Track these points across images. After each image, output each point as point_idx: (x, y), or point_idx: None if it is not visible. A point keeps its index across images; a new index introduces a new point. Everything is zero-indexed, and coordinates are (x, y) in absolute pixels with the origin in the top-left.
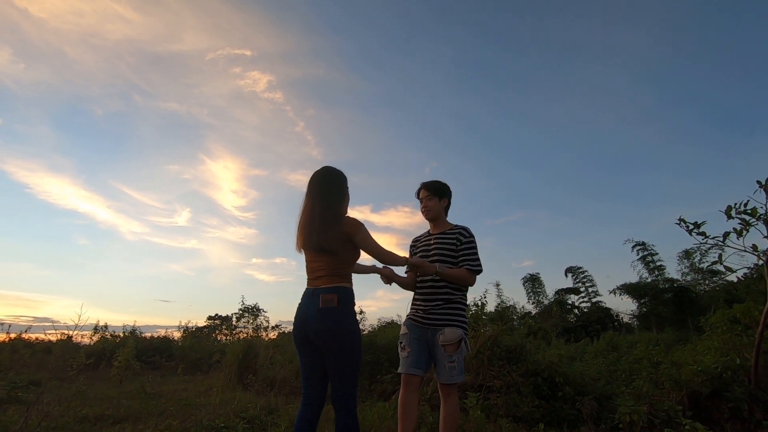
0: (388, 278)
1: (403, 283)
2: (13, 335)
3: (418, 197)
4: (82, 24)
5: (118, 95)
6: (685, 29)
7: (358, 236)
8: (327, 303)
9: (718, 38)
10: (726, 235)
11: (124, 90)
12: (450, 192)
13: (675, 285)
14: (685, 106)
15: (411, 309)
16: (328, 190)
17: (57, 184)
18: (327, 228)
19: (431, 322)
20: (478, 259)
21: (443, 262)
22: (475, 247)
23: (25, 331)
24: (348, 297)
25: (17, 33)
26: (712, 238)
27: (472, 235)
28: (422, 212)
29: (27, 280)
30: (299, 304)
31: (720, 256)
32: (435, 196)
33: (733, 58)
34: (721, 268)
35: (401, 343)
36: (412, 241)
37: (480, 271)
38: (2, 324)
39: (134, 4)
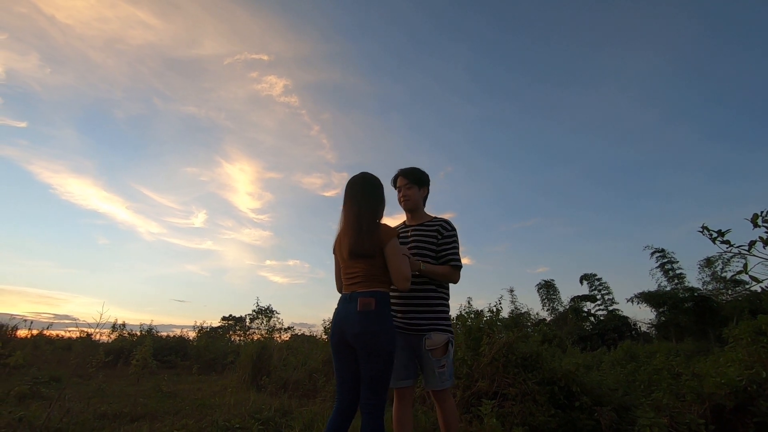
0: None
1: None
2: (35, 332)
3: (394, 186)
4: (106, 30)
5: (139, 99)
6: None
7: (389, 245)
8: (365, 306)
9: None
10: (752, 243)
11: (145, 94)
12: (429, 180)
13: (696, 294)
14: (708, 109)
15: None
16: (372, 197)
17: (79, 185)
18: (372, 234)
19: (415, 327)
20: (458, 254)
21: (421, 255)
22: (457, 242)
23: (47, 328)
24: (385, 301)
25: (45, 39)
26: (737, 247)
27: (454, 229)
28: (400, 202)
29: (49, 278)
30: (336, 309)
31: (745, 265)
32: (414, 185)
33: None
34: (746, 277)
35: None
36: None
37: (460, 267)
38: (25, 320)
39: (156, 11)
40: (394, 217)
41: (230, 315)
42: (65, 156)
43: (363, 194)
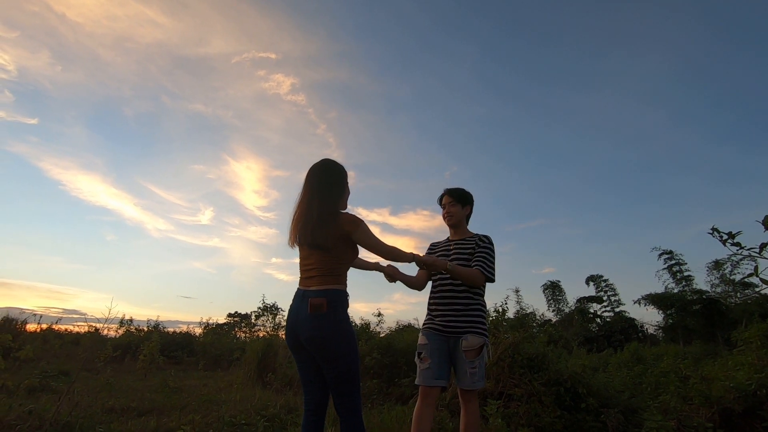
0: (392, 276)
1: (410, 282)
2: (44, 326)
3: (440, 203)
4: (116, 28)
5: (147, 97)
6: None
7: (357, 233)
8: (316, 309)
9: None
10: (763, 246)
11: (153, 92)
12: (473, 200)
13: (704, 296)
14: (715, 112)
15: (428, 315)
16: (327, 184)
17: (88, 181)
18: (324, 223)
19: (453, 329)
20: (492, 265)
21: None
22: (490, 253)
23: (56, 323)
24: (339, 300)
25: (55, 37)
26: (748, 249)
27: (491, 243)
28: (444, 218)
29: (58, 273)
30: (290, 306)
31: (756, 268)
32: (458, 203)
33: None
34: (756, 280)
35: (420, 353)
36: (430, 246)
37: (491, 279)
38: (34, 315)
39: (165, 9)
40: (400, 216)
41: (236, 312)
42: (75, 153)
43: (319, 181)
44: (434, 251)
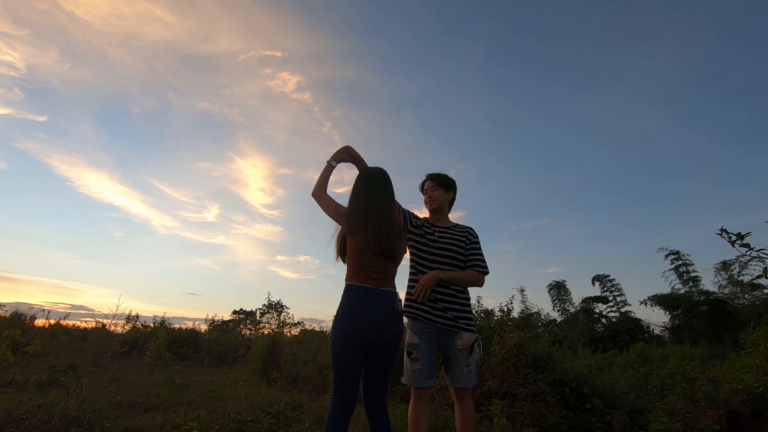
0: None
1: None
2: (52, 321)
3: (421, 190)
4: (124, 26)
5: (154, 94)
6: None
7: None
8: (400, 306)
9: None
10: None
11: (160, 89)
12: (456, 187)
13: (711, 297)
14: (720, 112)
15: (415, 310)
16: (392, 196)
17: (96, 178)
18: (401, 236)
19: (449, 327)
20: (485, 259)
21: (453, 259)
22: (481, 248)
23: (64, 318)
24: None
25: (64, 35)
26: (757, 250)
27: (477, 236)
28: (426, 203)
29: (65, 269)
30: (361, 305)
31: (765, 270)
32: (440, 187)
33: None
34: (765, 282)
35: (411, 353)
36: (412, 216)
37: (488, 273)
38: (42, 310)
39: (172, 7)
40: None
41: (241, 309)
42: (82, 150)
43: (391, 196)
44: (418, 227)
